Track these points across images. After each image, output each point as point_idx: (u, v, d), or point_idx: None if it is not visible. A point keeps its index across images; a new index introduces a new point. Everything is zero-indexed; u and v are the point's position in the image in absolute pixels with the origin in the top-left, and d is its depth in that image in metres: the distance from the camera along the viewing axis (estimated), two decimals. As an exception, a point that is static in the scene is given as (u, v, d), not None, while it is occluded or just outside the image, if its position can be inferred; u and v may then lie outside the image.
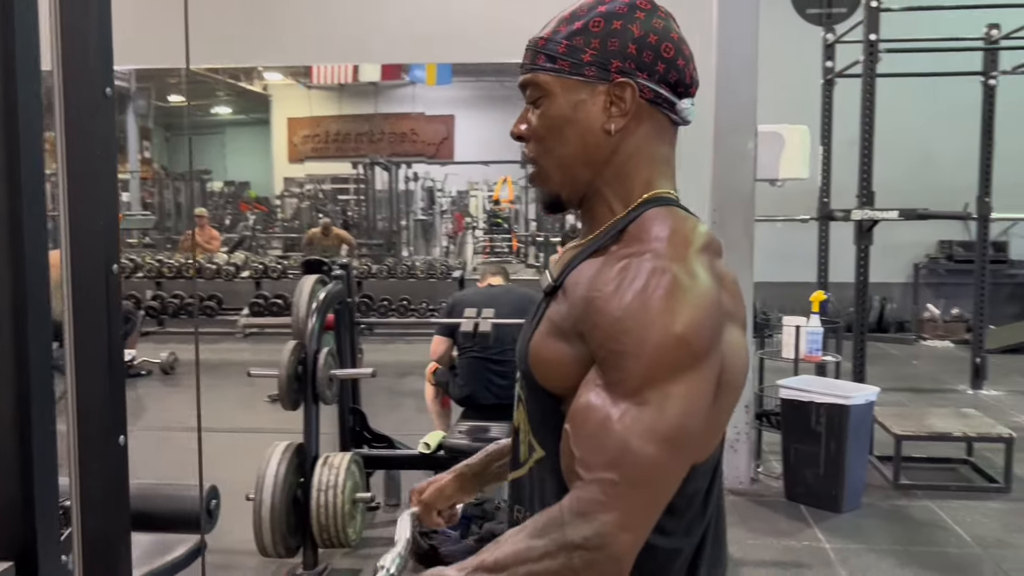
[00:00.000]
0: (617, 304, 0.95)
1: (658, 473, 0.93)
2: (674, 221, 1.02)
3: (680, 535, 1.04)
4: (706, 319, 0.94)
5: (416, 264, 9.64)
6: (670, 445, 0.93)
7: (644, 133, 1.08)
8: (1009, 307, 8.78)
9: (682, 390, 0.93)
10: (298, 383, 3.45)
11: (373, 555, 3.68)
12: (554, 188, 1.12)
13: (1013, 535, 3.88)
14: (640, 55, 1.05)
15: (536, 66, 1.09)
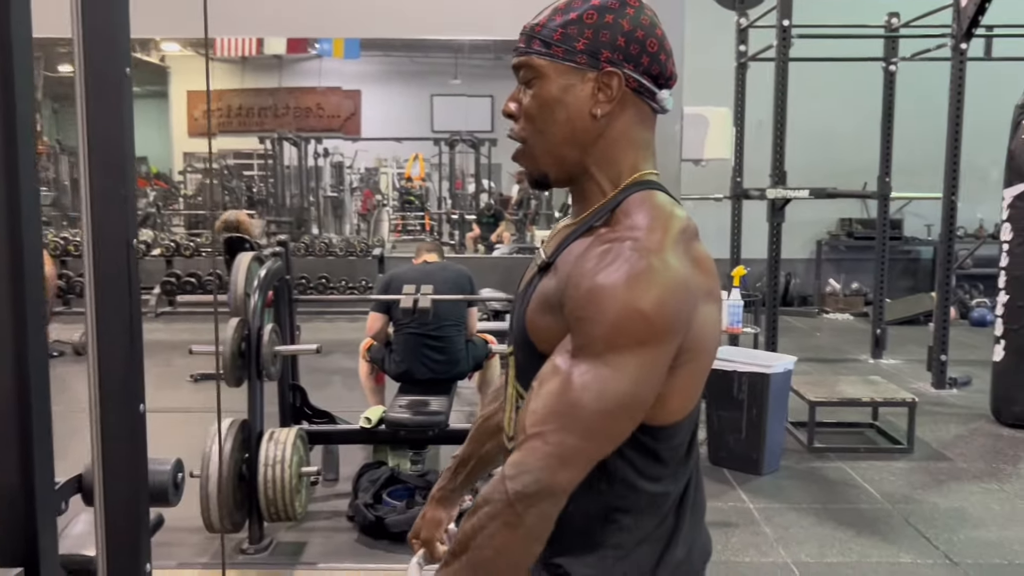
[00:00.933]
0: (591, 279, 1.05)
1: (601, 430, 1.05)
2: (655, 208, 1.13)
3: (668, 481, 1.16)
4: (672, 301, 1.04)
5: (334, 242, 9.57)
6: (617, 408, 1.04)
7: (628, 119, 1.17)
8: (903, 281, 9.30)
9: (637, 361, 1.03)
10: (242, 360, 3.45)
11: (317, 528, 3.73)
12: (542, 166, 1.21)
13: (917, 491, 4.18)
14: (628, 48, 1.14)
15: (531, 50, 1.17)
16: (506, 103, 1.22)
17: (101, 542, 1.33)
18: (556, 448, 1.03)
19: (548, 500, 1.04)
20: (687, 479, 1.19)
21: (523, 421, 1.07)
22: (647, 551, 1.16)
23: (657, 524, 1.16)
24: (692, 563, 1.21)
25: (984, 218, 9.29)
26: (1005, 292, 5.17)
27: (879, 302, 7.00)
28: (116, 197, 1.33)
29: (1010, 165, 5.15)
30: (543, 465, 1.03)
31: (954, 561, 3.43)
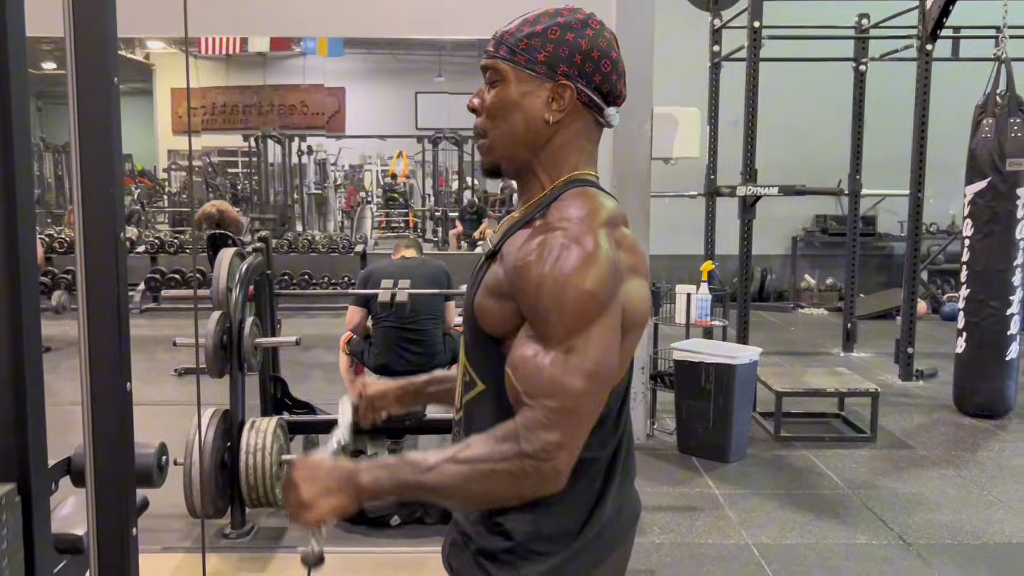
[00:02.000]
0: (537, 272, 1.19)
1: (585, 401, 1.19)
2: (585, 200, 1.27)
3: (596, 447, 1.28)
4: (606, 276, 1.19)
5: (317, 239, 9.68)
6: (593, 377, 1.18)
7: (576, 129, 1.32)
8: (877, 276, 9.48)
9: (596, 333, 1.18)
10: (224, 352, 3.57)
11: (297, 515, 3.84)
12: (495, 159, 1.35)
13: (878, 478, 4.34)
14: (583, 65, 1.29)
15: (498, 55, 1.32)
16: (471, 99, 1.37)
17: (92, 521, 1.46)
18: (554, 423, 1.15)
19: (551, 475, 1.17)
20: (615, 446, 1.32)
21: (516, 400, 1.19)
22: (576, 510, 1.28)
23: (585, 487, 1.28)
24: (621, 523, 1.35)
25: (956, 214, 9.48)
26: (966, 286, 5.35)
27: (850, 298, 7.17)
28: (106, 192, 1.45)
29: (971, 163, 5.31)
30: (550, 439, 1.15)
31: (907, 542, 3.59)
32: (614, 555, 1.35)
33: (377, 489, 1.18)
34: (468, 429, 1.34)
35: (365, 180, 18.05)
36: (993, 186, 5.18)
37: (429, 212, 13.92)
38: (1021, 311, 5.27)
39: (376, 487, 1.18)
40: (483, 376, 1.32)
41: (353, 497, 1.19)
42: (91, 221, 1.46)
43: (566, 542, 1.28)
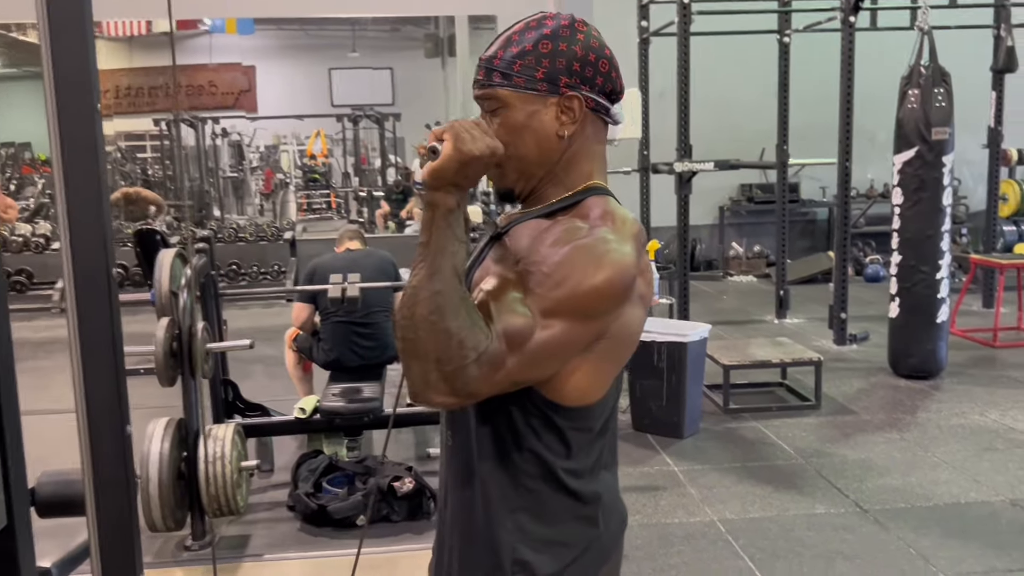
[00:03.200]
0: (561, 248, 1.18)
1: (526, 374, 1.16)
2: (614, 210, 1.26)
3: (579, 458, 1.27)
4: (619, 284, 1.18)
5: (243, 226, 9.43)
6: (542, 359, 1.16)
7: (587, 136, 1.30)
8: (802, 241, 9.72)
9: (575, 328, 1.16)
10: (174, 359, 3.45)
11: (259, 520, 3.77)
12: (510, 184, 1.32)
13: (827, 445, 4.47)
14: (583, 71, 1.26)
15: (492, 82, 1.28)
16: None
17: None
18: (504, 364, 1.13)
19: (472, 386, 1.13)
20: (598, 452, 1.30)
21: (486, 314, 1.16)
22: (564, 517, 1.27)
23: (570, 495, 1.27)
24: (610, 530, 1.34)
25: (874, 178, 9.78)
26: (898, 252, 5.51)
27: (781, 265, 7.33)
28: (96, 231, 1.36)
29: (899, 133, 5.46)
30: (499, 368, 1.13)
31: (863, 509, 3.71)
32: (607, 565, 1.35)
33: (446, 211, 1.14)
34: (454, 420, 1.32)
35: (282, 161, 17.64)
36: (920, 155, 5.34)
37: (353, 192, 13.66)
38: (949, 275, 5.47)
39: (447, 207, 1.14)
40: None
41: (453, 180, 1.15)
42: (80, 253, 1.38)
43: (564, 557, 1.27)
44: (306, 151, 17.24)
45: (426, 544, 3.64)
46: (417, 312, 1.12)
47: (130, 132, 17.68)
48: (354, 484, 3.78)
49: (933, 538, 3.41)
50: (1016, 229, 9.13)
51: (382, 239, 9.54)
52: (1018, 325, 6.62)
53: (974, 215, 9.27)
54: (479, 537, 1.28)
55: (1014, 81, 7.18)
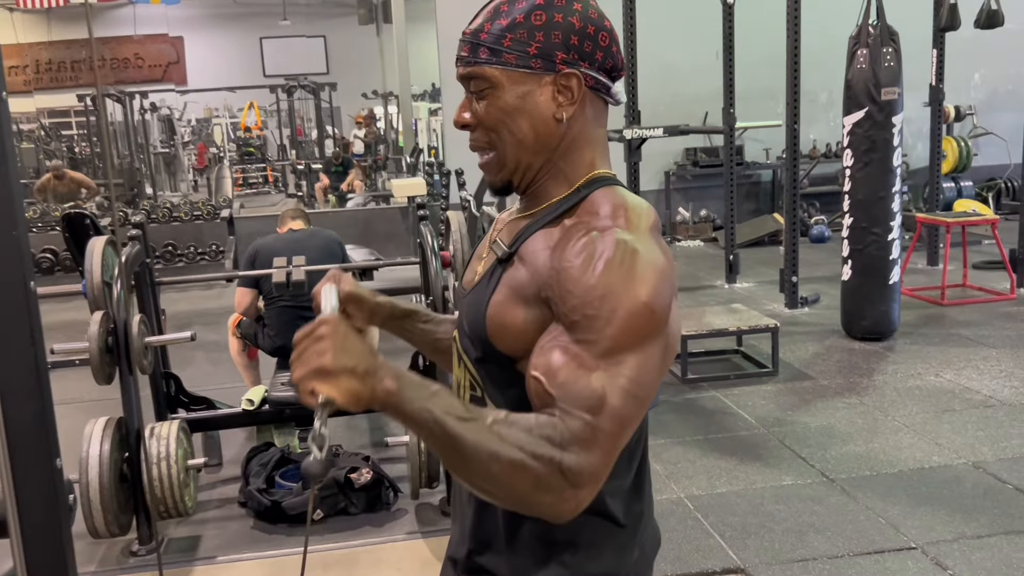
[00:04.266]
0: (591, 274, 1.03)
1: (626, 425, 1.04)
2: (625, 201, 1.12)
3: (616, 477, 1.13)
4: (666, 288, 1.05)
5: (177, 204, 9.08)
6: (637, 401, 1.03)
7: (587, 117, 1.16)
8: (747, 204, 9.72)
9: (645, 353, 1.03)
10: (110, 356, 3.24)
11: (209, 519, 3.60)
12: (506, 175, 1.18)
13: (788, 413, 4.43)
14: (582, 46, 1.12)
15: (479, 59, 1.13)
16: (458, 114, 1.18)
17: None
18: (595, 445, 1.00)
19: (572, 501, 1.01)
20: (640, 457, 1.19)
21: (546, 405, 1.03)
22: (603, 547, 1.16)
23: (610, 521, 1.16)
24: (646, 554, 1.23)
25: (817, 139, 9.80)
26: (849, 215, 5.48)
27: (730, 230, 7.29)
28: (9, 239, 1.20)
29: (848, 94, 5.41)
30: (590, 461, 1.00)
31: (830, 478, 3.67)
32: None
33: (399, 400, 0.96)
34: None
35: (215, 135, 17.13)
36: (870, 116, 5.30)
37: (291, 166, 13.29)
38: (900, 236, 5.46)
39: (398, 397, 0.95)
40: (493, 396, 1.16)
41: (371, 393, 0.94)
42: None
43: None
44: (240, 124, 16.75)
45: (387, 537, 3.52)
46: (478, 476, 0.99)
47: (53, 108, 16.98)
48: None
49: (901, 507, 3.38)
50: (955, 186, 9.25)
51: (324, 214, 9.28)
52: (963, 282, 6.68)
53: (913, 172, 9.36)
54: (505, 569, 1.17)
55: (951, 38, 7.18)
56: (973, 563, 2.96)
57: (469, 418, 0.98)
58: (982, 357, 5.11)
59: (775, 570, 3.00)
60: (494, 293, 1.13)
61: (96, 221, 5.86)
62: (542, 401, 1.03)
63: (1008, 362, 5.00)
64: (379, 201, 10.84)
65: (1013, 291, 6.43)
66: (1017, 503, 3.37)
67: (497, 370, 1.14)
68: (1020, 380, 4.70)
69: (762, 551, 3.12)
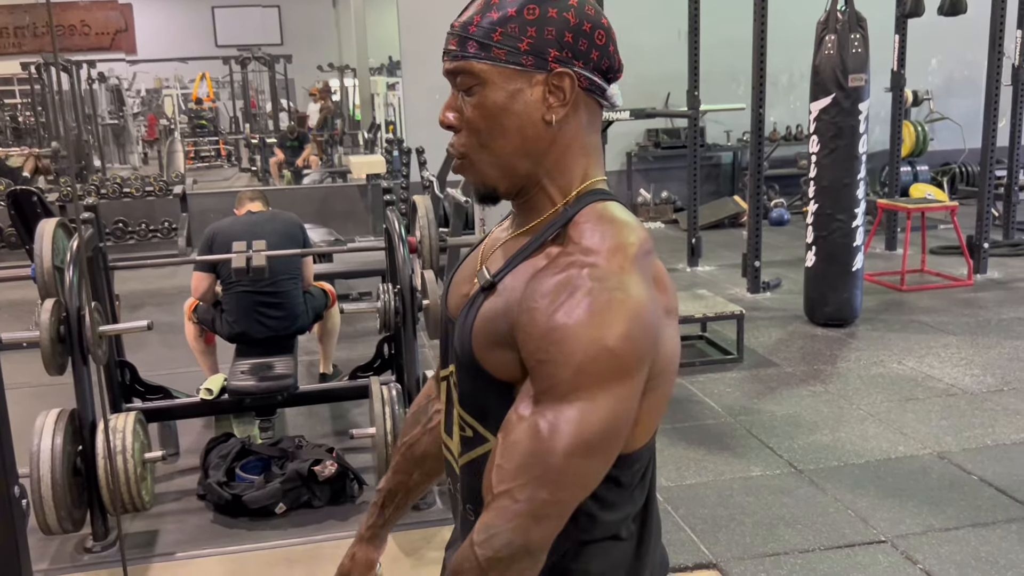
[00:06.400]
0: (550, 316, 0.96)
1: (574, 477, 0.98)
2: (612, 224, 1.04)
3: (627, 505, 1.10)
4: (638, 332, 0.97)
5: (128, 178, 8.81)
6: (590, 452, 0.97)
7: (579, 122, 1.08)
8: (707, 186, 9.70)
9: (608, 400, 0.96)
10: (62, 345, 3.10)
11: (166, 512, 3.49)
12: (491, 181, 1.10)
13: (754, 401, 4.43)
14: (576, 44, 1.05)
15: (467, 53, 1.05)
16: (443, 113, 1.10)
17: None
18: (527, 505, 0.97)
19: (524, 561, 0.99)
20: (646, 495, 1.14)
21: (488, 479, 1.00)
22: (618, 569, 1.12)
23: (622, 548, 1.12)
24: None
25: (777, 121, 9.82)
26: (814, 201, 5.48)
27: (693, 213, 7.27)
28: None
29: (815, 80, 5.38)
30: (514, 526, 0.97)
31: (798, 469, 3.67)
32: None
33: None
34: (472, 495, 1.11)
35: (166, 106, 16.68)
36: (837, 102, 5.28)
37: (244, 140, 12.99)
38: (864, 223, 5.48)
39: None
40: (491, 428, 1.08)
41: None
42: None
43: None
44: (191, 95, 16.34)
45: (352, 531, 3.43)
46: None
47: (-8, 76, 16.41)
48: (270, 470, 3.51)
49: (870, 498, 3.38)
50: (911, 170, 9.35)
51: (280, 191, 9.09)
52: (922, 268, 6.75)
53: (870, 156, 9.41)
54: None
55: (910, 23, 7.20)
56: (942, 556, 2.97)
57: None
58: (943, 344, 5.15)
59: (747, 565, 2.98)
60: (474, 325, 1.06)
61: (44, 199, 5.64)
62: (487, 471, 1.01)
63: (968, 350, 5.05)
64: (336, 178, 10.65)
65: (971, 277, 6.52)
66: (983, 495, 3.39)
67: (489, 400, 1.07)
68: (980, 368, 4.75)
69: (733, 545, 3.10)
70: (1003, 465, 3.63)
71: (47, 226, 3.43)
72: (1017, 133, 7.04)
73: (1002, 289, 6.38)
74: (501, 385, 1.05)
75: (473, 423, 1.11)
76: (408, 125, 9.94)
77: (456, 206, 5.74)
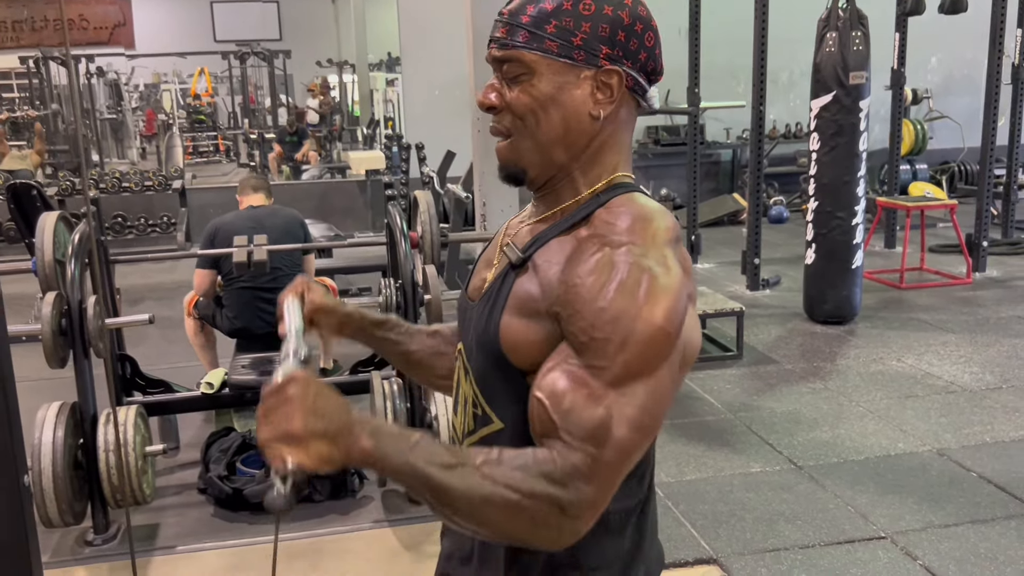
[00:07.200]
0: (603, 295, 0.98)
1: (631, 456, 1.00)
2: (643, 211, 1.06)
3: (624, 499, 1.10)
4: (679, 309, 0.99)
5: (127, 173, 8.80)
6: (644, 432, 0.99)
7: (620, 120, 1.10)
8: (706, 183, 9.70)
9: (656, 380, 0.98)
10: (64, 339, 3.10)
11: (167, 506, 3.49)
12: (524, 165, 1.11)
13: (753, 397, 4.43)
14: (628, 43, 1.06)
15: (518, 43, 1.06)
16: (484, 94, 1.10)
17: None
18: (595, 477, 0.97)
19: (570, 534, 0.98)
20: (643, 495, 1.15)
21: (547, 433, 0.98)
22: (609, 568, 1.12)
23: (616, 543, 1.12)
24: (651, 574, 1.19)
25: (776, 119, 9.82)
26: (814, 199, 5.49)
27: (692, 210, 7.27)
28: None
29: (816, 77, 5.39)
30: (587, 493, 0.96)
31: (797, 465, 3.67)
32: None
33: (377, 459, 0.92)
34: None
35: (164, 101, 16.65)
36: (838, 100, 5.29)
37: (244, 135, 12.97)
38: (864, 221, 5.49)
39: (376, 455, 0.92)
40: (501, 413, 1.09)
41: (346, 454, 0.91)
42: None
43: None
44: (189, 90, 16.31)
45: (352, 525, 3.44)
46: (473, 522, 0.96)
47: (-8, 71, 16.39)
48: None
49: (869, 495, 3.39)
50: (910, 168, 9.36)
51: (279, 187, 9.06)
52: (921, 266, 6.76)
53: (870, 154, 9.42)
54: None
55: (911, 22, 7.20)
56: (942, 552, 2.98)
57: (456, 464, 0.94)
58: (942, 342, 5.16)
59: (747, 560, 2.99)
60: (506, 303, 1.07)
61: (44, 193, 5.63)
62: (543, 426, 0.99)
63: (967, 347, 5.06)
64: (334, 173, 10.65)
65: (969, 275, 6.52)
66: (981, 491, 3.40)
67: (504, 385, 1.09)
68: (979, 366, 4.76)
69: (733, 540, 3.11)
70: (1002, 462, 3.64)
71: (48, 219, 3.43)
72: (1016, 132, 7.05)
73: (1001, 287, 6.39)
74: (515, 372, 1.06)
75: (484, 404, 1.12)
76: (407, 121, 9.95)
77: (456, 202, 5.75)
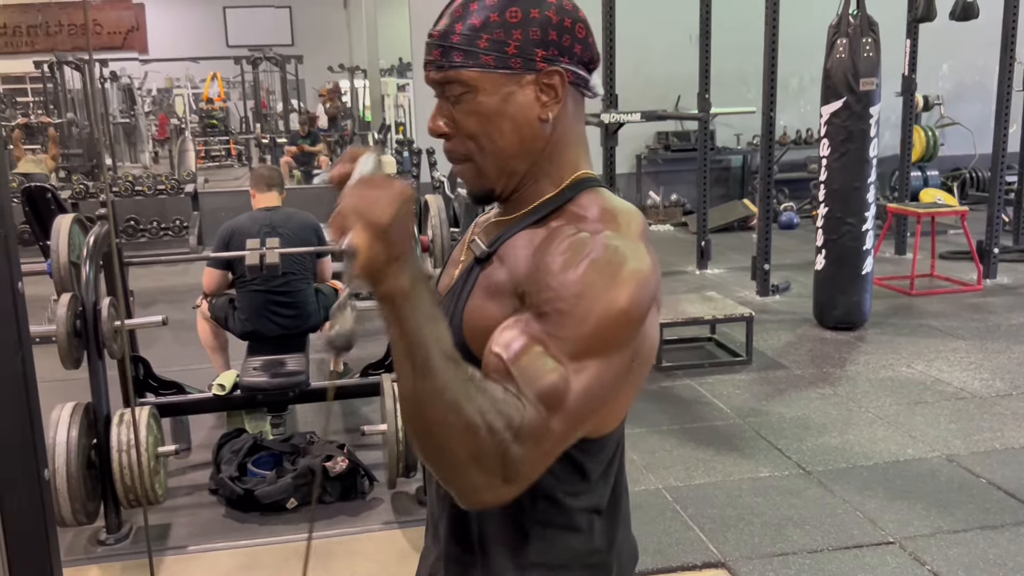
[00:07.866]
0: (573, 271, 0.98)
1: (574, 431, 0.99)
2: (615, 205, 1.08)
3: (591, 495, 1.11)
4: (645, 297, 1.00)
5: (140, 177, 8.85)
6: (587, 409, 0.99)
7: (568, 115, 1.11)
8: (716, 189, 9.69)
9: (608, 364, 0.98)
10: (78, 340, 3.13)
11: (179, 507, 3.52)
12: (489, 183, 1.12)
13: (762, 403, 4.44)
14: (560, 40, 1.07)
15: (455, 63, 1.07)
16: (433, 121, 1.12)
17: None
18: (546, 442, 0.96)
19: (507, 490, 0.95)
20: (610, 491, 1.14)
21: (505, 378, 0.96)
22: (578, 567, 1.13)
23: (585, 540, 1.12)
24: (623, 570, 1.19)
25: (787, 125, 9.82)
26: (824, 205, 5.49)
27: (703, 216, 7.28)
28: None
29: (826, 83, 5.39)
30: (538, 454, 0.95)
31: (806, 470, 3.68)
32: None
33: (401, 304, 0.89)
34: None
35: (177, 106, 16.76)
36: (848, 106, 5.29)
37: (255, 139, 13.03)
38: (874, 227, 5.49)
39: (403, 301, 0.88)
40: None
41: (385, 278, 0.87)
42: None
43: None
44: (202, 95, 16.40)
45: (361, 527, 3.46)
46: (428, 419, 0.90)
47: (8, 74, 16.51)
48: (282, 465, 3.54)
49: (878, 500, 3.40)
50: (921, 175, 9.34)
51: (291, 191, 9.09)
52: (931, 272, 6.75)
53: (880, 161, 9.41)
54: None
55: (922, 28, 7.20)
56: (951, 558, 2.98)
57: (454, 359, 0.91)
58: (952, 349, 5.16)
59: (755, 564, 2.99)
60: (470, 294, 1.09)
61: (58, 196, 5.68)
62: (502, 378, 0.96)
63: (977, 354, 5.06)
64: (347, 178, 10.66)
65: (980, 282, 6.51)
66: (991, 497, 3.40)
67: None
68: (989, 372, 4.75)
69: (742, 544, 3.11)
70: (1012, 469, 3.63)
71: (63, 222, 3.48)
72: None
73: (1011, 294, 6.38)
74: (476, 362, 1.04)
75: None
76: (418, 126, 9.99)
77: (467, 206, 5.77)
